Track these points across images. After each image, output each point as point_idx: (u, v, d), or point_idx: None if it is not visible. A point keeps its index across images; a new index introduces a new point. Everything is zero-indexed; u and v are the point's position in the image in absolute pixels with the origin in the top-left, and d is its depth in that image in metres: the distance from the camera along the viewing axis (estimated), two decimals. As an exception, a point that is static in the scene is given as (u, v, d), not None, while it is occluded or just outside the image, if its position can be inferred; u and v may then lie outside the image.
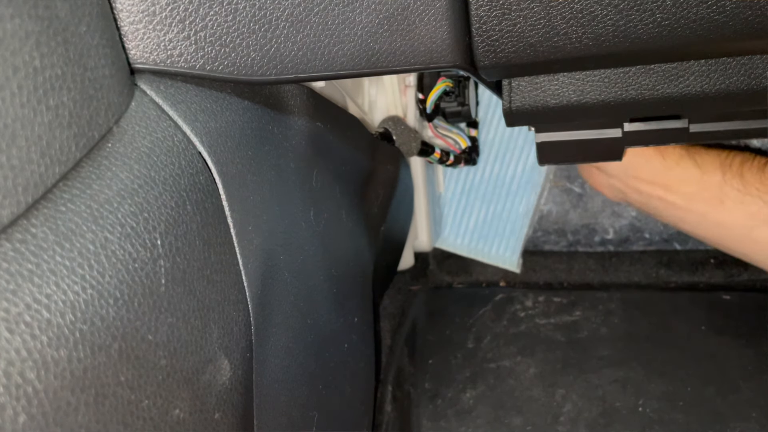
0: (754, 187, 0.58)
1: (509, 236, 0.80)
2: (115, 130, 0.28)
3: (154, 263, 0.27)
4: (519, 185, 0.79)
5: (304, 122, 0.43)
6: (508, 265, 0.81)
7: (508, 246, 0.80)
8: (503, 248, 0.81)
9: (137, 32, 0.30)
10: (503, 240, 0.80)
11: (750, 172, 0.58)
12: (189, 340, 0.29)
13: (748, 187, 0.58)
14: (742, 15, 0.29)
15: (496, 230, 0.81)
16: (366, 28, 0.31)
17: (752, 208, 0.58)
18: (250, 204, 0.35)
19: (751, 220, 0.58)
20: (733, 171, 0.59)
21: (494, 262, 0.81)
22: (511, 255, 0.80)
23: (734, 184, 0.59)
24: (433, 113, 0.64)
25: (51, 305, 0.22)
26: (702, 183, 0.61)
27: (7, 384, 0.20)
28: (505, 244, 0.80)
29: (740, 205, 0.58)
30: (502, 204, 0.80)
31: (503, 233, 0.80)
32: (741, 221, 0.59)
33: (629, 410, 0.66)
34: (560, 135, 0.46)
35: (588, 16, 0.30)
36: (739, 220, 0.59)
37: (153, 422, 0.27)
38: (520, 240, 0.80)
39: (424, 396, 0.71)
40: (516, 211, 0.79)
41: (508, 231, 0.80)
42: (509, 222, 0.80)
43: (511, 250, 0.80)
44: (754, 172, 0.58)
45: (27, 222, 0.23)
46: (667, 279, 0.79)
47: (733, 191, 0.59)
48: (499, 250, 0.81)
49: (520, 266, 0.81)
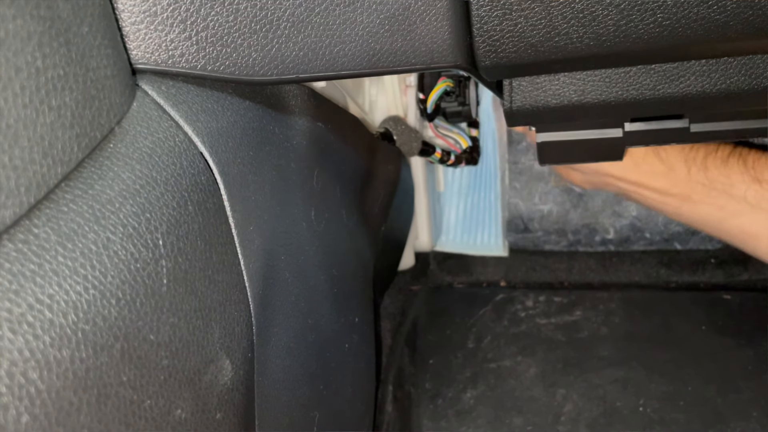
0: (719, 182, 0.58)
1: (489, 224, 0.82)
2: (116, 130, 0.28)
3: (156, 263, 0.27)
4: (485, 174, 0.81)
5: (305, 122, 0.43)
6: (495, 251, 0.83)
7: (491, 233, 0.83)
8: (487, 236, 0.83)
9: (139, 33, 0.30)
10: (485, 229, 0.83)
11: (714, 165, 0.58)
12: (191, 340, 0.29)
13: (713, 182, 0.58)
14: (743, 15, 0.29)
15: (477, 221, 0.83)
16: (367, 28, 0.31)
17: (719, 202, 0.58)
18: (251, 204, 0.35)
19: (720, 212, 0.58)
20: (698, 165, 0.59)
21: (482, 251, 0.83)
22: (496, 241, 0.83)
23: (699, 179, 0.59)
24: (433, 113, 0.64)
25: (53, 305, 0.22)
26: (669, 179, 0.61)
27: (10, 384, 0.20)
28: (488, 232, 0.83)
29: (707, 199, 0.59)
30: (476, 195, 0.82)
31: (483, 222, 0.83)
32: (711, 214, 0.59)
33: (630, 410, 0.66)
34: (561, 135, 0.46)
35: (589, 16, 0.30)
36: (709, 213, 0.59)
37: (155, 422, 0.27)
38: (499, 225, 0.82)
39: (424, 396, 0.71)
40: (488, 198, 0.82)
41: (486, 219, 0.82)
42: (486, 211, 0.82)
43: (494, 237, 0.83)
44: (717, 164, 0.58)
45: (29, 222, 0.23)
46: (668, 279, 0.79)
47: (699, 186, 0.59)
48: (483, 239, 0.83)
49: (506, 248, 0.83)
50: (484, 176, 0.82)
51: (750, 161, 0.57)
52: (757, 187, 0.56)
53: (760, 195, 0.56)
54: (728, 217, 0.58)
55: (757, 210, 0.56)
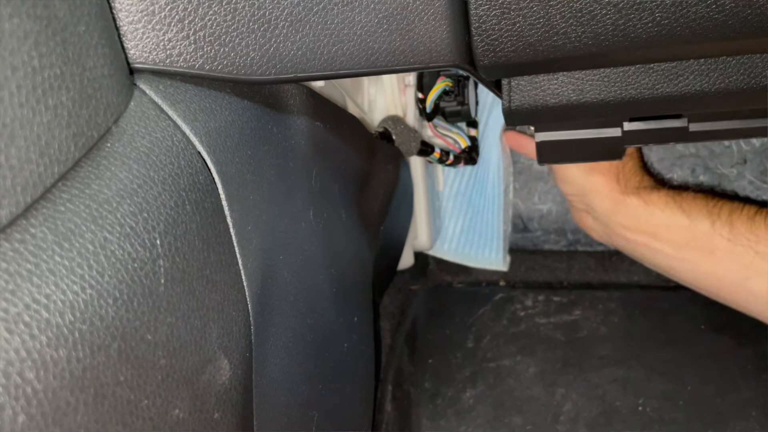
0: (745, 237, 0.56)
1: (490, 237, 0.80)
2: (114, 129, 0.28)
3: (154, 263, 0.27)
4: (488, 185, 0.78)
5: (303, 122, 0.43)
6: (494, 265, 0.80)
7: (492, 247, 0.80)
8: (488, 250, 0.80)
9: (136, 32, 0.30)
10: (486, 241, 0.80)
11: (740, 221, 0.56)
12: (188, 339, 0.29)
13: (739, 237, 0.56)
14: (742, 14, 0.29)
15: (479, 233, 0.80)
16: (365, 27, 0.31)
17: (745, 259, 0.56)
18: (249, 204, 0.35)
19: (744, 270, 0.56)
20: (723, 220, 0.57)
21: (481, 265, 0.81)
22: (496, 255, 0.80)
23: (724, 233, 0.57)
24: (432, 113, 0.64)
25: (50, 305, 0.22)
26: (690, 231, 0.58)
27: (6, 384, 0.20)
28: (489, 246, 0.80)
29: (731, 255, 0.56)
30: (478, 208, 0.79)
31: (485, 235, 0.80)
32: (734, 272, 0.57)
33: (629, 409, 0.66)
34: (560, 134, 0.46)
35: (587, 15, 0.30)
36: (732, 270, 0.57)
37: (152, 422, 0.27)
38: (500, 239, 0.79)
39: (424, 395, 0.71)
40: (491, 210, 0.79)
41: (488, 232, 0.80)
42: (488, 223, 0.79)
43: (495, 251, 0.80)
44: (743, 221, 0.56)
45: (26, 222, 0.23)
46: (668, 279, 0.79)
47: (723, 241, 0.57)
48: (484, 252, 0.80)
49: (507, 263, 0.81)
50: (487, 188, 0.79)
51: None
52: None
53: None
54: (753, 276, 0.56)
55: None
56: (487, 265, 0.81)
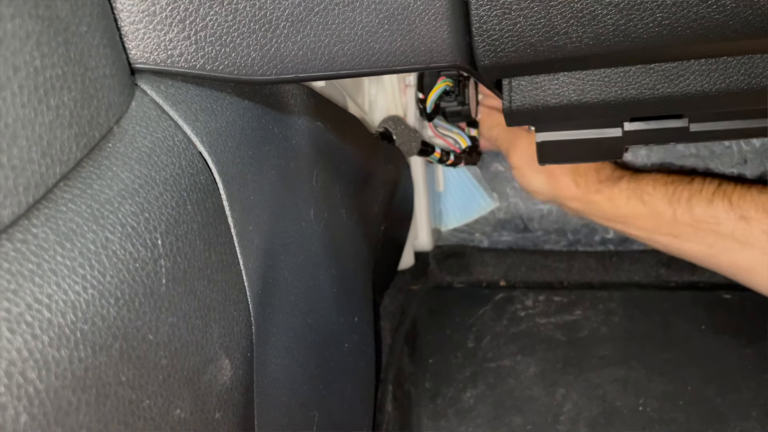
0: (705, 222, 0.59)
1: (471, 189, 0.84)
2: (115, 130, 0.28)
3: (155, 263, 0.27)
4: None
5: (304, 122, 0.43)
6: (487, 208, 0.84)
7: (476, 196, 0.84)
8: (474, 201, 0.84)
9: (137, 32, 0.30)
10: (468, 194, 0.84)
11: (699, 206, 0.59)
12: (190, 339, 0.29)
13: (700, 222, 0.59)
14: (743, 14, 0.29)
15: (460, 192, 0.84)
16: (366, 27, 0.31)
17: (708, 240, 0.59)
18: (250, 204, 0.35)
19: (708, 249, 0.60)
20: (683, 206, 0.60)
21: (476, 215, 0.85)
22: (484, 200, 0.84)
23: (686, 220, 0.60)
24: (433, 113, 0.64)
25: (52, 305, 0.22)
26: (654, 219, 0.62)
27: (8, 384, 0.20)
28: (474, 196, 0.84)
29: (695, 237, 0.60)
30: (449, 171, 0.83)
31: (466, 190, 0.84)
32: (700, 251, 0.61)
33: (630, 409, 0.66)
34: (560, 134, 0.46)
35: (588, 16, 0.30)
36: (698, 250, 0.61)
37: (154, 422, 0.27)
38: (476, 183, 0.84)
39: (424, 395, 0.71)
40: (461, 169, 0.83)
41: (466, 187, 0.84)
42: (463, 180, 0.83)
43: (481, 198, 0.84)
44: (703, 205, 0.59)
45: (28, 222, 0.23)
46: (668, 278, 0.79)
47: (686, 226, 0.60)
48: (473, 204, 0.85)
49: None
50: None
51: (735, 199, 0.58)
52: (744, 225, 0.57)
53: (747, 232, 0.57)
54: (718, 254, 0.59)
55: (746, 246, 0.57)
56: (481, 212, 0.85)
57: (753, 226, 0.56)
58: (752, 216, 0.56)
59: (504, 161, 0.86)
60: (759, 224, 0.56)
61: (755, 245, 0.56)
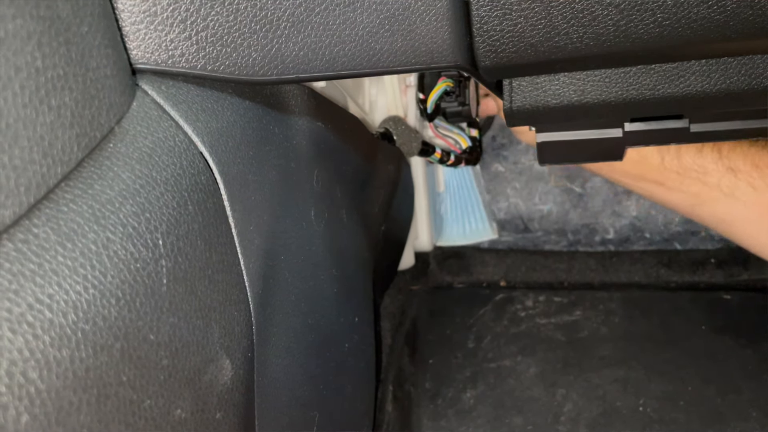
0: (693, 170, 0.58)
1: (473, 211, 0.85)
2: (116, 130, 0.28)
3: (156, 263, 0.27)
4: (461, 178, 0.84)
5: (305, 122, 0.43)
6: (484, 235, 0.85)
7: (477, 220, 0.85)
8: (474, 224, 0.85)
9: (139, 32, 0.30)
10: (470, 217, 0.85)
11: (688, 154, 0.59)
12: (191, 339, 0.29)
13: (687, 170, 0.58)
14: (743, 15, 0.29)
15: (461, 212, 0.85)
16: (367, 28, 0.31)
17: (693, 189, 0.59)
18: (251, 204, 0.35)
19: (693, 198, 0.59)
20: (672, 154, 0.59)
21: (473, 239, 0.85)
22: (483, 225, 0.85)
23: (673, 167, 0.59)
24: (433, 113, 0.64)
25: (53, 305, 0.22)
26: (642, 165, 0.61)
27: (9, 384, 0.20)
28: (474, 219, 0.85)
29: (681, 186, 0.59)
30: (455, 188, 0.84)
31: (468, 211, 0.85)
32: (684, 200, 0.60)
33: (630, 410, 0.66)
34: (561, 135, 0.46)
35: (589, 16, 0.30)
36: (683, 198, 0.60)
37: (155, 422, 0.27)
38: (482, 209, 0.84)
39: (424, 395, 0.71)
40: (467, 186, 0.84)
41: (470, 207, 0.85)
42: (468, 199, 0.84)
43: (481, 222, 0.85)
44: (692, 153, 0.58)
45: (29, 222, 0.23)
46: (668, 279, 0.79)
47: (673, 174, 0.59)
48: (471, 226, 0.85)
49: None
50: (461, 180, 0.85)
51: (725, 150, 0.57)
52: (731, 177, 0.56)
53: (733, 184, 0.56)
54: (701, 204, 0.59)
55: (730, 198, 0.57)
56: (477, 237, 0.85)
57: (740, 178, 0.56)
58: (740, 168, 0.56)
59: (504, 161, 0.86)
60: (746, 177, 0.56)
61: (740, 198, 0.56)
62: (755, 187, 0.56)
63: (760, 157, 0.56)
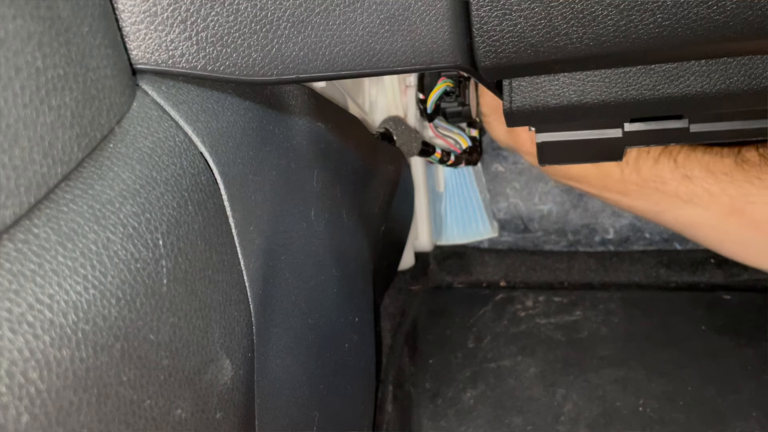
0: (651, 180, 0.60)
1: (474, 210, 0.84)
2: (117, 130, 0.28)
3: (156, 263, 0.27)
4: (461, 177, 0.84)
5: (305, 122, 0.43)
6: (485, 234, 0.85)
7: (477, 219, 0.85)
8: (474, 223, 0.85)
9: (139, 33, 0.30)
10: (471, 216, 0.85)
11: (645, 166, 0.60)
12: (191, 339, 0.29)
13: (646, 181, 0.60)
14: (743, 15, 0.29)
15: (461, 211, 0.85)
16: (367, 28, 0.31)
17: (654, 198, 0.61)
18: (251, 204, 0.35)
19: (655, 206, 0.61)
20: (630, 167, 0.61)
21: (474, 238, 0.85)
22: (483, 225, 0.85)
23: (633, 179, 0.61)
24: (433, 113, 0.64)
25: (53, 305, 0.22)
26: (603, 179, 0.63)
27: (10, 384, 0.20)
28: (475, 218, 0.85)
29: (642, 196, 0.62)
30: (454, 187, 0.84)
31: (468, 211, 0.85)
32: (647, 207, 0.63)
33: (630, 410, 0.66)
34: (560, 135, 0.46)
35: (589, 17, 0.30)
36: (646, 208, 0.63)
37: (155, 422, 0.27)
38: (482, 208, 0.84)
39: (424, 396, 0.71)
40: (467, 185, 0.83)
41: (470, 206, 0.84)
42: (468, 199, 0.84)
43: (482, 222, 0.85)
44: (649, 164, 0.60)
45: (29, 222, 0.23)
46: (668, 279, 0.79)
47: (633, 186, 0.61)
48: (472, 226, 0.85)
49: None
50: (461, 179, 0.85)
51: (680, 159, 0.59)
52: (687, 184, 0.59)
53: (690, 191, 0.58)
54: (664, 212, 0.61)
55: (689, 204, 0.59)
56: (478, 236, 0.85)
57: (696, 184, 0.58)
58: (696, 175, 0.58)
59: (504, 161, 0.86)
60: (702, 183, 0.58)
61: (698, 203, 0.58)
62: (711, 192, 0.58)
63: (714, 163, 0.58)
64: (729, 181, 0.57)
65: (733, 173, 0.57)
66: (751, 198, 0.56)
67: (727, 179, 0.57)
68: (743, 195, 0.56)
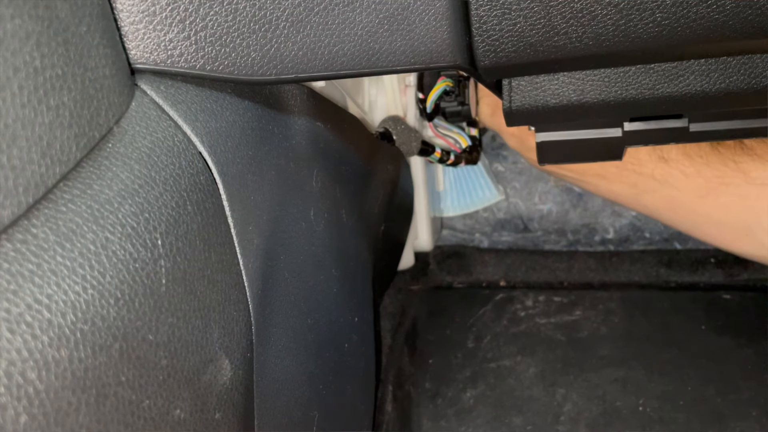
0: (629, 163, 0.61)
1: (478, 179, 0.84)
2: (115, 130, 0.28)
3: (155, 263, 0.27)
4: None
5: (304, 122, 0.43)
6: (492, 199, 0.84)
7: (482, 186, 0.84)
8: (480, 191, 0.85)
9: (137, 32, 0.30)
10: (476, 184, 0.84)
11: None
12: (190, 340, 0.29)
13: (624, 163, 0.61)
14: (742, 14, 0.29)
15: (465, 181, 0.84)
16: (366, 27, 0.31)
17: (631, 180, 0.62)
18: (250, 204, 0.35)
19: (633, 189, 0.62)
20: None
21: (480, 206, 0.85)
22: (490, 191, 0.84)
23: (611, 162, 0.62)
24: (433, 113, 0.64)
25: (52, 305, 0.22)
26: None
27: (8, 384, 0.20)
28: (480, 186, 0.84)
29: (621, 178, 0.63)
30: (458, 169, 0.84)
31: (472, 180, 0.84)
32: (625, 190, 0.63)
33: (629, 410, 0.66)
34: (560, 134, 0.46)
35: (588, 16, 0.30)
36: (624, 189, 0.64)
37: (154, 422, 0.27)
38: (485, 175, 0.84)
39: (424, 396, 0.71)
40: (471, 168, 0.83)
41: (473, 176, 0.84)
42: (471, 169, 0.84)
43: (487, 189, 0.84)
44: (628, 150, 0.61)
45: (28, 222, 0.23)
46: (668, 278, 0.79)
47: (611, 167, 0.63)
48: (478, 193, 0.85)
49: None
50: None
51: None
52: (663, 165, 0.59)
53: (666, 172, 0.59)
54: (640, 194, 0.62)
55: (665, 186, 0.60)
56: (486, 203, 0.85)
57: (672, 166, 0.59)
58: (672, 157, 0.59)
59: (504, 161, 0.86)
60: (677, 165, 0.59)
61: (673, 185, 0.59)
62: (687, 174, 0.58)
63: (690, 146, 0.59)
64: (704, 164, 0.58)
65: (708, 156, 0.58)
66: (725, 179, 0.57)
67: (702, 161, 0.58)
68: (717, 177, 0.57)
